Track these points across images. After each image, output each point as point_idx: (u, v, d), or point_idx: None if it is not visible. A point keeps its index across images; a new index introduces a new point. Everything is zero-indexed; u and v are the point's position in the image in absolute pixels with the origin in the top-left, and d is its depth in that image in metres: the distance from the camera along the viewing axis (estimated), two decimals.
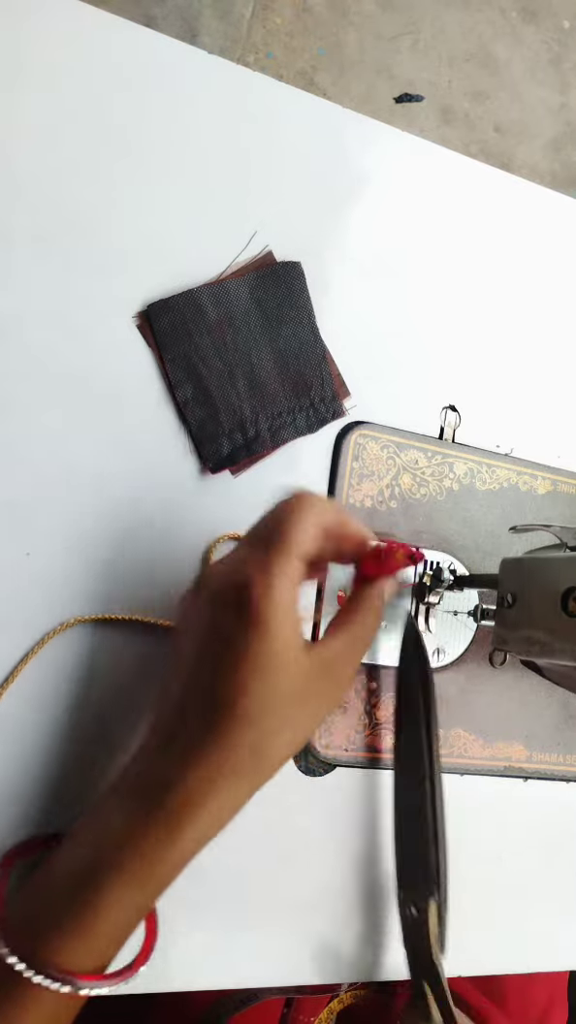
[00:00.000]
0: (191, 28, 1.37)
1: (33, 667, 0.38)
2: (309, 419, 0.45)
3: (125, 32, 0.44)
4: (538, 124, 1.61)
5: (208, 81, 0.45)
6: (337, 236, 0.47)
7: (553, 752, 0.49)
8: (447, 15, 1.55)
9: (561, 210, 0.54)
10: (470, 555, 0.48)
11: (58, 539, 0.40)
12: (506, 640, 0.38)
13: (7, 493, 0.39)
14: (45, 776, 0.38)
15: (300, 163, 0.47)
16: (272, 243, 0.45)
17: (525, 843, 0.47)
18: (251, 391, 0.44)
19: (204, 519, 0.42)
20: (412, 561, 0.35)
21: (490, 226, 0.52)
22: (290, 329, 0.45)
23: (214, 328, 0.43)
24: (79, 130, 0.42)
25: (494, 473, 0.50)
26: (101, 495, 0.41)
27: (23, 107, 0.41)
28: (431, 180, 0.50)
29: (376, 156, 0.49)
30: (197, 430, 0.43)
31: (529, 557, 0.39)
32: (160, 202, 0.43)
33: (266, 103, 0.46)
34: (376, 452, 0.46)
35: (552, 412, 0.52)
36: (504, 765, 0.48)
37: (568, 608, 0.35)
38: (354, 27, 1.48)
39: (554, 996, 0.59)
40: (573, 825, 0.49)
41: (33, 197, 0.41)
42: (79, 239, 0.41)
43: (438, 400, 0.49)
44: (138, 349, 0.42)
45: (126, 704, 0.39)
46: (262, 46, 1.42)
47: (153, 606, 0.41)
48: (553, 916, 0.48)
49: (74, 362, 0.41)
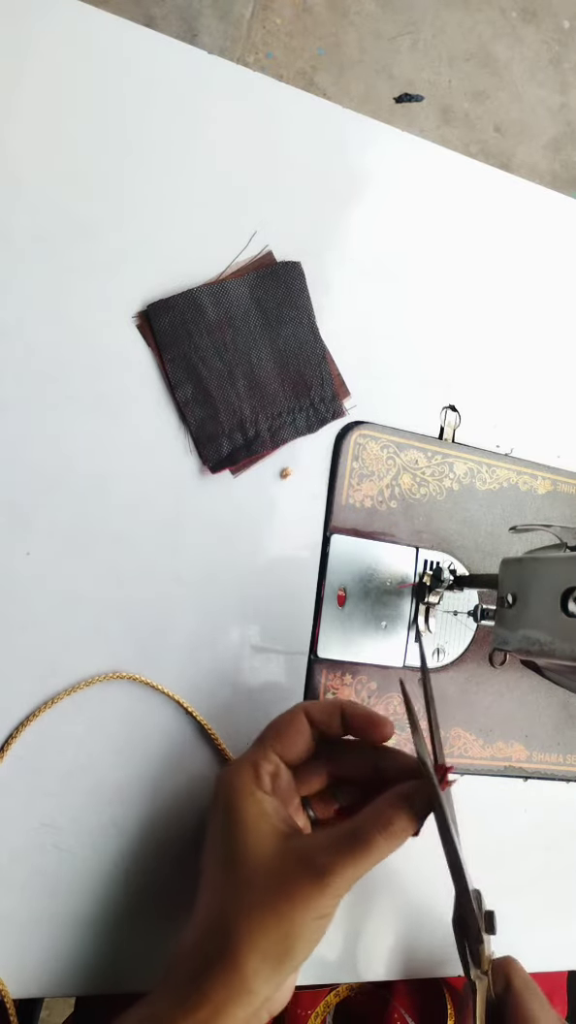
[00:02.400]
0: (191, 28, 1.37)
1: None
2: (309, 419, 0.45)
3: (125, 32, 0.44)
4: (538, 124, 1.61)
5: (208, 81, 0.45)
6: (337, 236, 0.47)
7: (553, 752, 0.49)
8: (447, 15, 1.55)
9: (561, 210, 0.54)
10: (470, 555, 0.48)
11: (58, 539, 0.40)
12: (506, 640, 0.38)
13: (7, 493, 0.39)
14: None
15: (300, 163, 0.47)
16: (272, 243, 0.45)
17: (525, 843, 0.47)
18: (251, 391, 0.44)
19: (204, 519, 0.42)
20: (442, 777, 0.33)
21: (490, 226, 0.52)
22: (290, 329, 0.45)
23: (214, 328, 0.43)
24: (79, 130, 0.42)
25: (494, 473, 0.50)
26: (101, 495, 0.41)
27: (23, 107, 0.41)
28: (431, 180, 0.50)
29: (376, 156, 0.49)
30: (197, 430, 0.43)
31: (529, 557, 0.39)
32: (160, 202, 0.43)
33: (266, 103, 0.46)
34: (376, 452, 0.46)
35: (552, 412, 0.52)
36: (504, 765, 0.48)
37: (568, 608, 0.35)
38: (354, 27, 1.48)
39: (553, 993, 0.59)
40: (573, 825, 0.49)
41: (33, 197, 0.41)
42: (79, 239, 0.42)
43: (438, 400, 0.49)
44: (138, 349, 0.42)
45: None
46: (262, 46, 1.42)
47: (154, 605, 0.41)
48: (553, 916, 0.48)
49: (74, 362, 0.41)
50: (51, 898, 0.37)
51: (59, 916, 0.37)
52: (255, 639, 0.43)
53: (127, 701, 0.40)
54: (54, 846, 0.37)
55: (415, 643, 0.41)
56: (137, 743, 0.40)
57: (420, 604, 0.46)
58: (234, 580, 0.43)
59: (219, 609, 0.42)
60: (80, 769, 0.38)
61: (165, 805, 0.40)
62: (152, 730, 0.40)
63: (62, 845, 0.38)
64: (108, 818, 0.38)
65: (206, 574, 0.42)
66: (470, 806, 0.46)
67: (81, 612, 0.39)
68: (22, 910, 0.37)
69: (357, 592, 0.45)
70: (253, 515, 0.44)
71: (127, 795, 0.39)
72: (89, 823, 0.38)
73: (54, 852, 0.37)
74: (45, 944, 0.37)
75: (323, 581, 0.44)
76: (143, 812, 0.39)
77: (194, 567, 0.42)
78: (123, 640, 0.40)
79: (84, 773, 0.38)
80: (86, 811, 0.38)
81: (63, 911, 0.37)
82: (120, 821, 0.39)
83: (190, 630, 0.41)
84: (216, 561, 0.42)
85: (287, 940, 0.30)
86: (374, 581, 0.46)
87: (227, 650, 0.42)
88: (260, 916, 0.30)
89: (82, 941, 0.37)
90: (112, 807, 0.39)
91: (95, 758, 0.39)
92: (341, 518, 0.45)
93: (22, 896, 0.37)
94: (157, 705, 0.40)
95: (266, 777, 0.34)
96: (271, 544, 0.44)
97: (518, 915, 0.47)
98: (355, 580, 0.45)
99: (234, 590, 0.43)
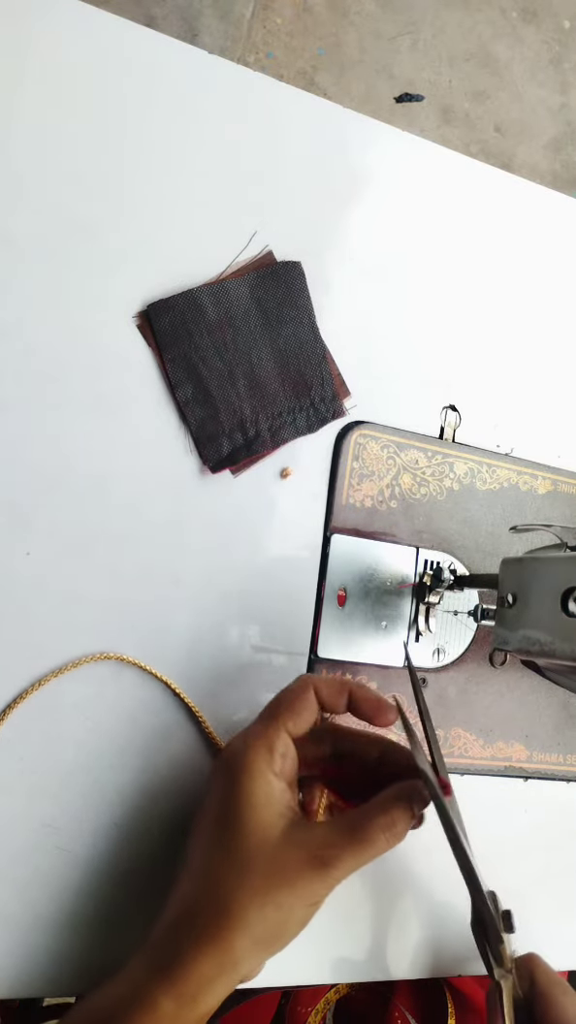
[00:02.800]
0: (191, 28, 1.37)
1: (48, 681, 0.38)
2: (309, 419, 0.45)
3: (125, 32, 0.44)
4: (538, 124, 1.61)
5: (208, 81, 0.45)
6: (337, 236, 0.47)
7: (553, 752, 0.49)
8: (447, 15, 1.55)
9: (561, 210, 0.54)
10: (470, 555, 0.48)
11: (58, 539, 0.40)
12: (506, 640, 0.38)
13: (7, 493, 0.39)
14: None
15: (300, 163, 0.47)
16: (272, 243, 0.45)
17: (525, 843, 0.47)
18: (251, 391, 0.44)
19: (204, 519, 0.42)
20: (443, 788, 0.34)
21: (490, 226, 0.52)
22: (290, 329, 0.45)
23: (214, 328, 0.43)
24: (79, 130, 0.42)
25: (494, 473, 0.50)
26: (101, 495, 0.41)
27: (24, 107, 0.41)
28: (431, 180, 0.50)
29: (376, 156, 0.49)
30: (197, 430, 0.43)
31: (529, 557, 0.39)
32: (160, 202, 0.43)
33: (266, 103, 0.46)
34: (376, 452, 0.46)
35: (552, 412, 0.52)
36: (504, 765, 0.47)
37: (568, 608, 0.35)
38: (354, 27, 1.48)
39: None
40: (573, 825, 0.49)
41: (34, 197, 0.41)
42: (79, 239, 0.42)
43: (438, 400, 0.49)
44: (138, 349, 0.42)
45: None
46: (262, 46, 1.42)
47: (153, 605, 0.41)
48: (553, 916, 0.48)
49: (74, 362, 0.41)
50: (51, 898, 0.37)
51: (59, 916, 0.37)
52: (255, 639, 0.43)
53: (130, 703, 0.40)
54: (55, 846, 0.37)
55: (408, 653, 0.41)
56: (139, 744, 0.40)
57: (420, 604, 0.46)
58: (234, 580, 0.43)
59: (219, 609, 0.42)
60: (81, 770, 0.38)
61: (167, 806, 0.40)
62: (153, 730, 0.40)
63: (62, 845, 0.38)
64: (109, 818, 0.38)
65: (206, 574, 0.42)
66: (470, 806, 0.46)
67: (81, 612, 0.39)
68: (22, 910, 0.37)
69: (357, 592, 0.45)
70: (253, 515, 0.44)
71: (128, 796, 0.39)
72: (90, 823, 0.38)
73: (55, 852, 0.37)
74: (45, 944, 0.37)
75: (323, 581, 0.44)
76: (144, 813, 0.39)
77: (194, 567, 0.42)
78: (123, 640, 0.40)
79: (85, 774, 0.38)
80: (87, 811, 0.38)
81: (63, 911, 0.37)
82: (121, 821, 0.39)
83: (190, 630, 0.41)
84: (216, 561, 0.42)
85: (280, 925, 0.31)
86: (374, 581, 0.46)
87: (227, 650, 0.42)
88: (260, 901, 0.30)
89: (82, 941, 0.37)
90: (113, 808, 0.39)
91: (96, 759, 0.39)
92: (341, 518, 0.45)
93: (22, 896, 0.37)
94: (159, 706, 0.40)
95: (279, 759, 0.34)
96: (271, 544, 0.44)
97: (518, 915, 0.47)
98: (355, 580, 0.45)
99: (234, 590, 0.43)
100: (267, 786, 0.33)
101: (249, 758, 0.33)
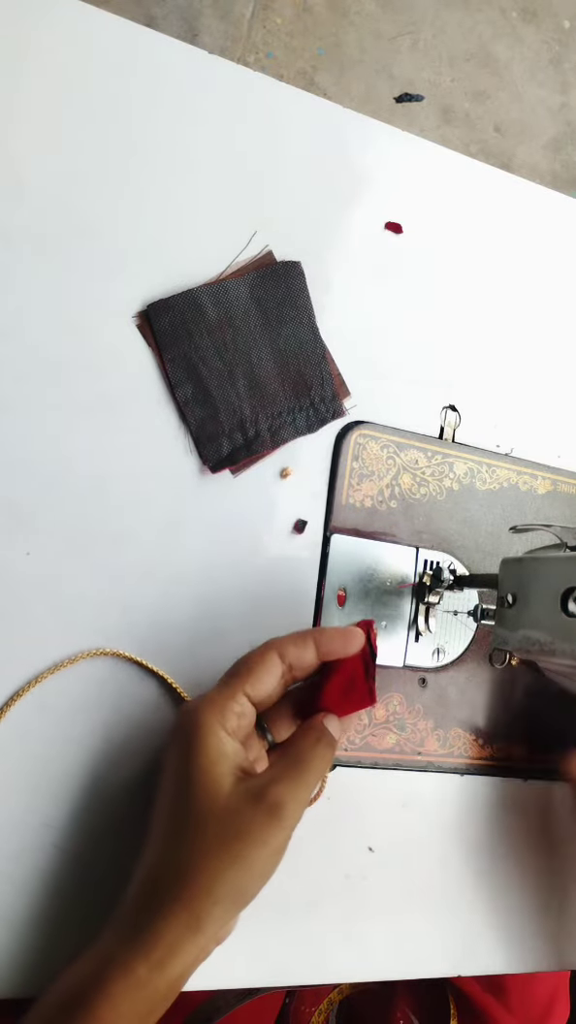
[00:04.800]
0: (191, 28, 1.37)
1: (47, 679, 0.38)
2: (309, 419, 0.45)
3: (126, 32, 0.44)
4: (538, 124, 1.61)
5: (208, 81, 0.45)
6: (337, 236, 0.47)
7: (553, 752, 0.49)
8: (447, 15, 1.55)
9: (561, 210, 0.54)
10: (470, 555, 0.48)
11: (58, 539, 0.40)
12: (506, 640, 0.38)
13: (7, 493, 0.39)
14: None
15: (300, 163, 0.47)
16: (272, 243, 0.45)
17: (525, 843, 0.47)
18: (251, 391, 0.44)
19: (204, 519, 0.42)
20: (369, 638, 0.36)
21: (490, 226, 0.52)
22: (290, 329, 0.45)
23: (214, 328, 0.43)
24: (80, 130, 0.42)
25: (494, 473, 0.50)
26: (101, 495, 0.41)
27: (24, 107, 0.41)
28: (431, 180, 0.50)
29: (376, 156, 0.49)
30: (197, 430, 0.43)
31: (529, 557, 0.39)
32: (160, 202, 0.43)
33: (266, 103, 0.46)
34: (376, 452, 0.46)
35: (552, 412, 0.52)
36: (504, 765, 0.47)
37: (568, 608, 0.35)
38: (354, 27, 1.48)
39: (556, 993, 0.59)
40: (573, 825, 0.49)
41: (34, 197, 0.41)
42: (79, 239, 0.42)
43: (438, 400, 0.49)
44: (138, 349, 0.42)
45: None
46: (262, 46, 1.42)
47: (154, 605, 0.41)
48: (553, 916, 0.48)
49: (74, 362, 0.41)
50: (49, 897, 0.37)
51: (57, 915, 0.37)
52: (255, 639, 0.43)
53: (130, 704, 0.40)
54: (52, 845, 0.37)
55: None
56: (140, 745, 0.40)
57: (420, 604, 0.46)
58: (234, 580, 0.43)
59: (219, 609, 0.42)
60: (80, 768, 0.38)
61: None
62: (152, 728, 0.40)
63: (59, 844, 0.38)
64: (107, 817, 0.38)
65: (206, 574, 0.42)
66: (471, 806, 0.46)
67: (81, 612, 0.39)
68: (22, 910, 0.37)
69: (357, 592, 0.45)
70: (253, 515, 0.44)
71: (127, 793, 0.39)
72: (88, 822, 0.38)
73: (52, 851, 0.37)
74: (45, 944, 0.37)
75: (323, 581, 0.44)
76: (143, 810, 0.39)
77: (194, 567, 0.42)
78: (123, 640, 0.40)
79: (84, 772, 0.38)
80: (85, 810, 0.38)
81: (61, 910, 0.37)
82: (119, 819, 0.39)
83: (190, 630, 0.41)
84: (216, 561, 0.42)
85: (241, 880, 0.31)
86: (374, 581, 0.46)
87: (227, 650, 0.42)
88: (216, 861, 0.30)
89: (82, 941, 0.37)
90: (111, 806, 0.39)
91: (95, 756, 0.39)
92: (341, 518, 0.45)
93: (20, 895, 0.37)
94: (160, 706, 0.40)
95: (233, 717, 0.34)
96: (271, 544, 0.44)
97: (518, 915, 0.47)
98: (355, 580, 0.45)
99: (234, 590, 0.43)
100: (218, 743, 0.33)
101: (201, 718, 0.33)
